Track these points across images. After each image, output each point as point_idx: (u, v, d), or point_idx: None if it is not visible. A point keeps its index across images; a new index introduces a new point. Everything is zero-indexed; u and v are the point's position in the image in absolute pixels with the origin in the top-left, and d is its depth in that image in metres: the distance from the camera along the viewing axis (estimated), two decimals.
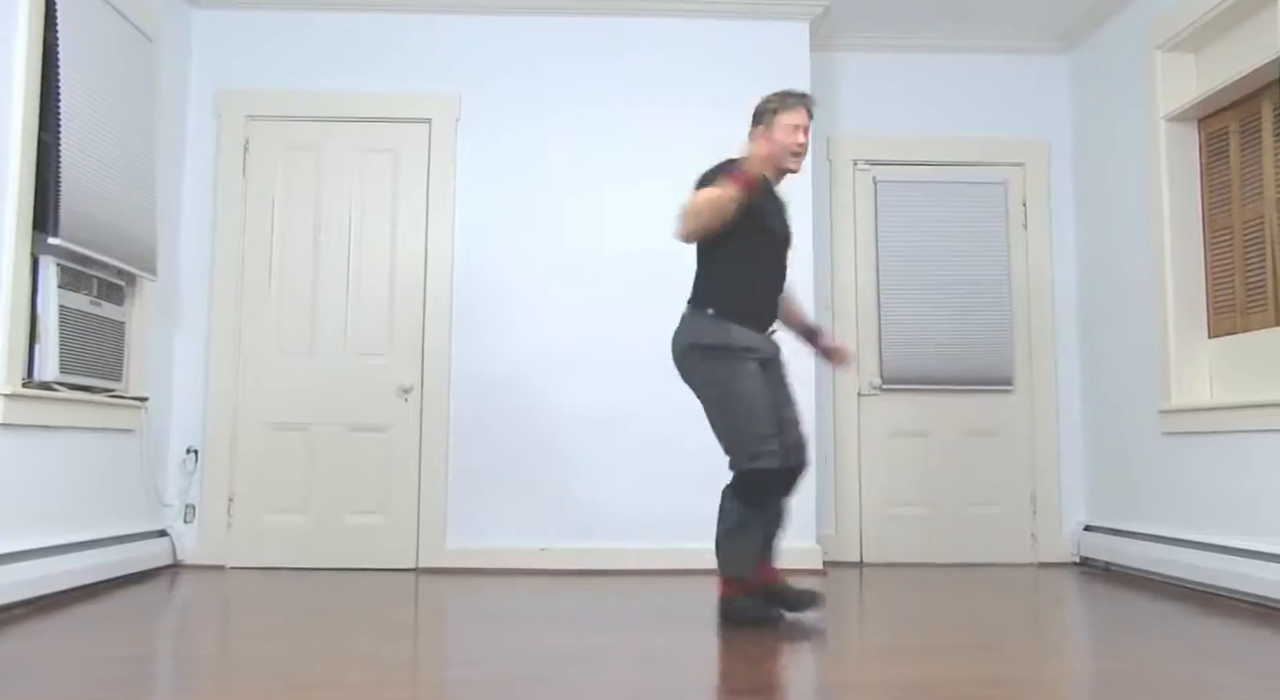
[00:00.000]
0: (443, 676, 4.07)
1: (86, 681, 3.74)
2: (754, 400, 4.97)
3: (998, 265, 8.06)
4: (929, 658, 4.32)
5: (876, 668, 4.15)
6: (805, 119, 5.18)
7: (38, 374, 5.60)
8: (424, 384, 7.37)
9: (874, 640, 4.82)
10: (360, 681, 3.81)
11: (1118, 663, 4.23)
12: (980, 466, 8.00)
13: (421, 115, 7.58)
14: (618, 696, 3.63)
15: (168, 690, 3.73)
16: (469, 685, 3.81)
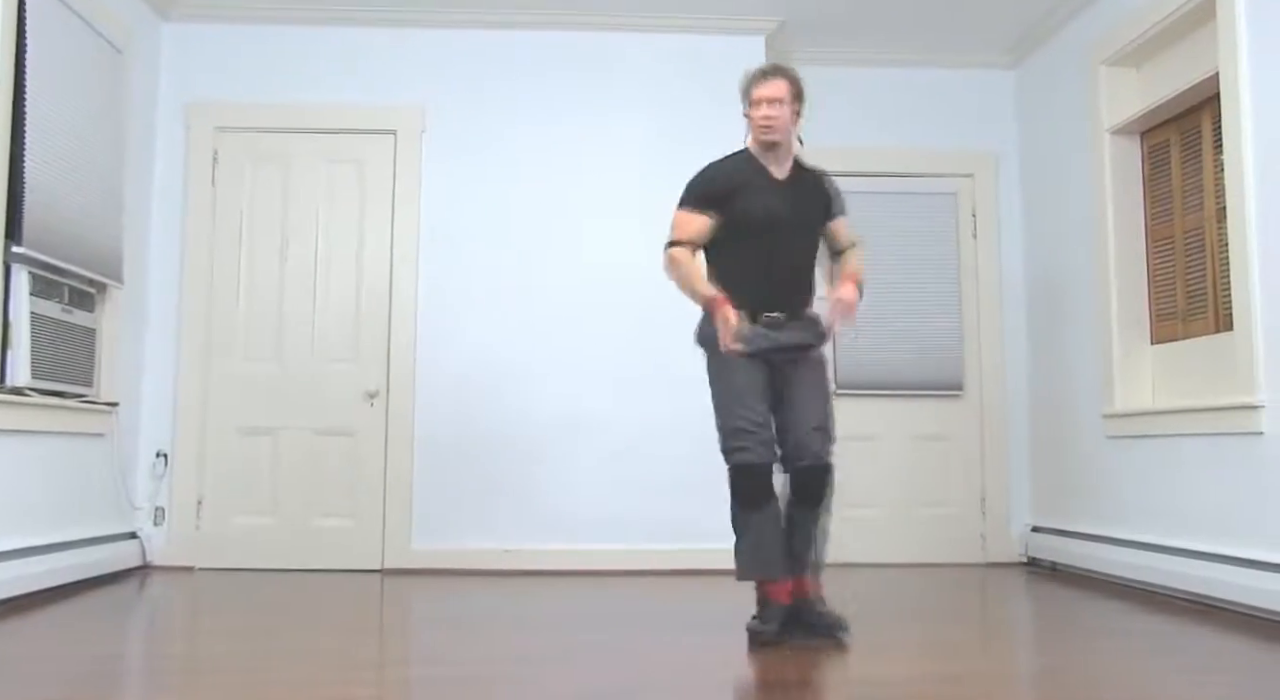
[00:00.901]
0: (407, 675, 4.07)
1: (57, 680, 3.73)
2: (731, 393, 4.74)
3: (948, 273, 8.11)
4: (881, 655, 4.34)
5: (829, 665, 4.17)
6: (766, 91, 4.82)
7: (10, 379, 5.59)
8: (390, 389, 7.36)
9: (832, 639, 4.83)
10: (326, 680, 3.81)
11: (1062, 658, 4.26)
12: (931, 469, 8.04)
13: (387, 127, 7.58)
14: (581, 695, 3.64)
15: (137, 689, 3.72)
16: (434, 683, 3.81)
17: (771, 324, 4.77)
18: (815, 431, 4.80)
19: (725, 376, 4.78)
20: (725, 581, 6.63)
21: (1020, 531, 7.96)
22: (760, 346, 4.74)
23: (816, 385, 4.87)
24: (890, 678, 3.89)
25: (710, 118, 7.61)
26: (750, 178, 4.88)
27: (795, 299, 4.86)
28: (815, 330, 4.90)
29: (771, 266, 4.82)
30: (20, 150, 5.60)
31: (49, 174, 5.86)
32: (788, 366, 4.81)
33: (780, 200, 4.85)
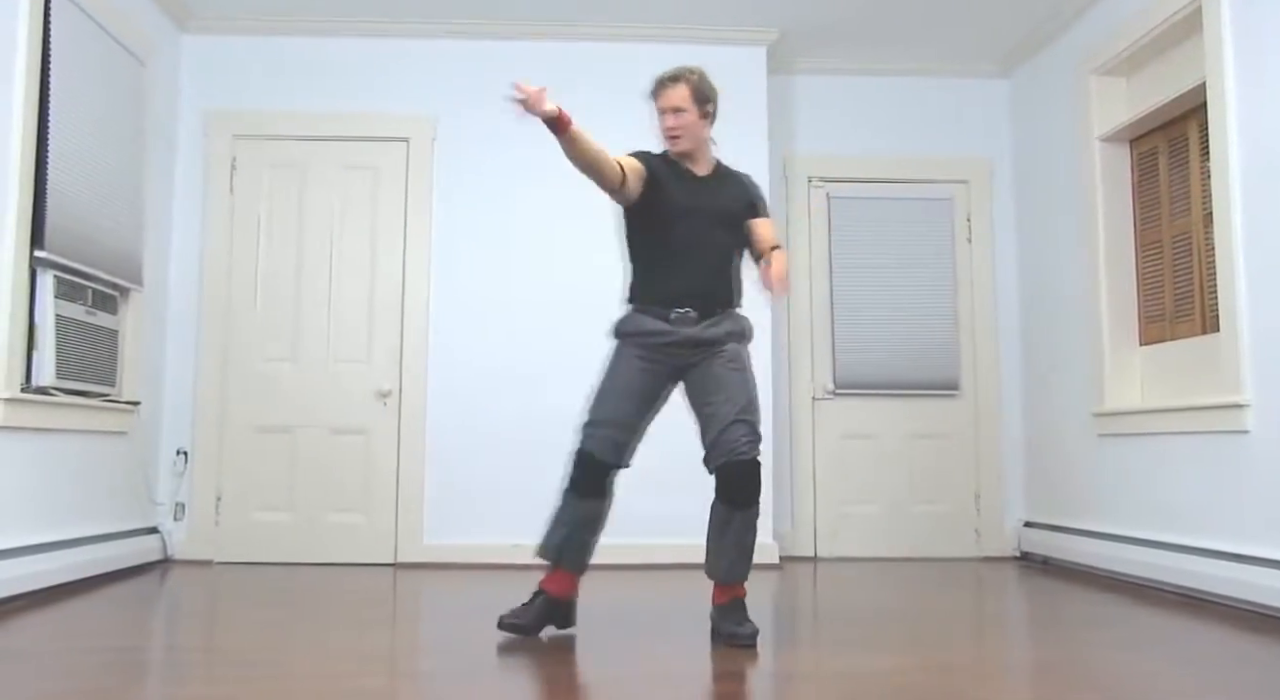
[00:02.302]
0: (419, 666, 4.08)
1: (82, 670, 3.74)
2: (608, 387, 4.62)
3: (944, 276, 8.13)
4: (877, 647, 4.35)
5: (828, 656, 4.19)
6: (667, 100, 4.70)
7: (35, 379, 5.61)
8: (402, 389, 7.38)
9: (826, 631, 4.85)
10: (340, 671, 3.82)
11: (1053, 651, 4.27)
12: (927, 466, 8.06)
13: (400, 135, 7.59)
14: (588, 685, 3.66)
15: (159, 679, 3.73)
16: (445, 674, 3.83)
17: (680, 320, 4.59)
18: (734, 424, 4.51)
19: (615, 371, 4.65)
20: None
21: (1013, 527, 7.97)
22: (677, 339, 4.58)
23: (734, 378, 4.59)
24: (883, 668, 3.89)
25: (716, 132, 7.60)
26: (672, 171, 4.73)
27: (710, 295, 4.67)
28: (732, 326, 4.69)
29: (689, 259, 4.65)
30: (44, 158, 5.61)
31: (72, 181, 5.88)
32: (702, 364, 4.61)
33: (700, 193, 4.71)
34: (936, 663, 4.01)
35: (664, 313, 4.59)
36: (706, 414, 4.59)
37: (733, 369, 4.61)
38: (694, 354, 4.61)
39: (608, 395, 4.61)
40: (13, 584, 5.25)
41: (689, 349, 4.60)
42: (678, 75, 4.75)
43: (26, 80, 5.47)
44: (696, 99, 4.74)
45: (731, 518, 4.57)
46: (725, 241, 4.73)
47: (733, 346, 4.66)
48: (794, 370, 8.05)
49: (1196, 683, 3.67)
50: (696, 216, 4.64)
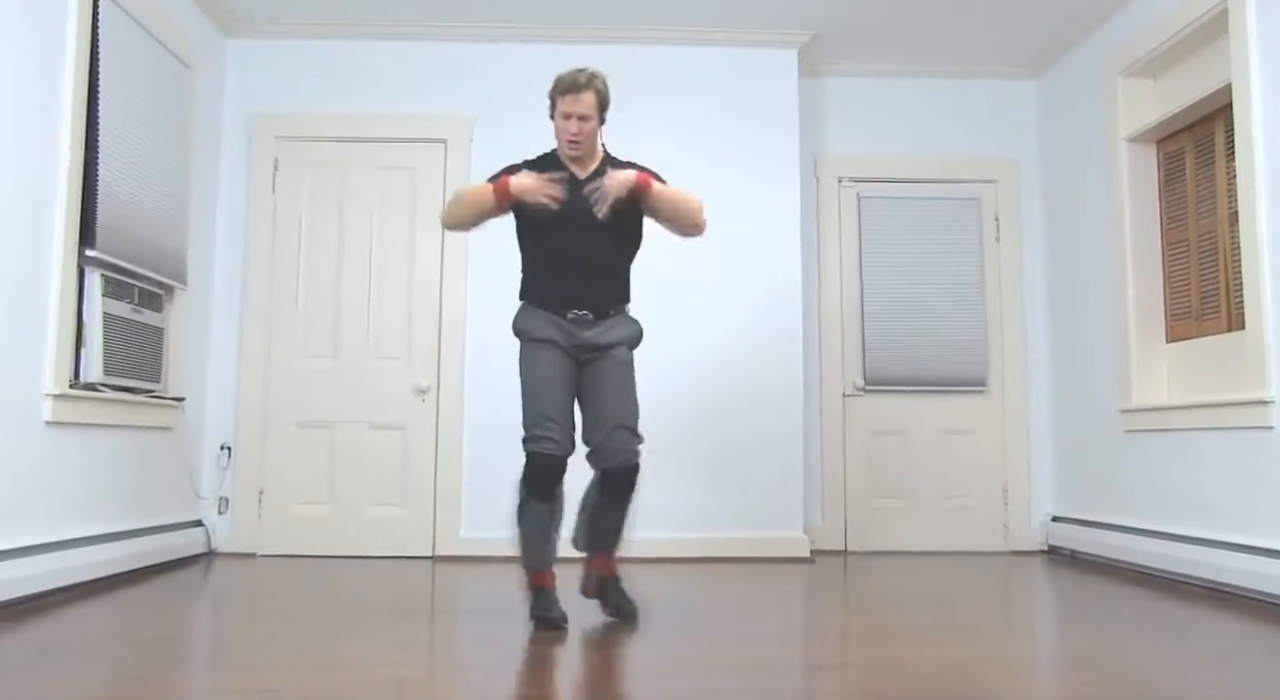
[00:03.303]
0: (457, 657, 4.10)
1: (129, 659, 3.78)
2: (535, 383, 4.60)
3: (972, 275, 8.11)
4: (907, 639, 4.34)
5: (858, 648, 4.18)
6: (576, 107, 4.65)
7: (83, 376, 5.65)
8: (440, 385, 7.41)
9: (856, 623, 4.83)
10: (380, 660, 3.85)
11: (1081, 643, 4.26)
12: (956, 462, 8.04)
13: (437, 136, 7.62)
14: (619, 677, 3.68)
15: (205, 668, 3.76)
16: (482, 665, 3.85)
17: (579, 321, 4.65)
18: (619, 430, 4.66)
19: (531, 367, 4.65)
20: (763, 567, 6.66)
21: (1041, 521, 7.95)
22: (575, 341, 4.63)
23: (622, 384, 4.71)
24: (912, 659, 3.89)
25: (744, 130, 7.66)
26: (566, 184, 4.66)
27: (601, 296, 4.71)
28: (625, 331, 4.77)
29: (573, 263, 4.66)
30: (94, 160, 5.66)
31: (121, 182, 5.93)
32: (593, 364, 4.70)
33: (573, 198, 4.62)
34: (965, 655, 4.01)
35: (561, 312, 4.66)
36: (591, 414, 4.69)
37: (621, 375, 4.71)
38: (590, 355, 4.69)
39: (541, 392, 4.60)
40: (62, 575, 5.29)
41: (588, 350, 4.68)
42: (587, 82, 4.68)
43: (76, 85, 5.52)
44: (601, 106, 4.75)
45: (611, 507, 4.79)
46: (602, 243, 4.70)
47: (623, 351, 4.75)
48: (825, 367, 8.04)
49: (1222, 675, 3.66)
50: (573, 225, 4.63)
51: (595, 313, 4.67)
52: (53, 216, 5.35)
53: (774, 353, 7.49)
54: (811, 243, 8.09)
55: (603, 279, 4.74)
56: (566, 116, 4.66)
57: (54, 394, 5.29)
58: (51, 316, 5.32)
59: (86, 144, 5.64)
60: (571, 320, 4.64)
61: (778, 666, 3.85)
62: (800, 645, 4.30)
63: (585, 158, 4.80)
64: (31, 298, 5.18)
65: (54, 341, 5.32)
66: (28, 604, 4.94)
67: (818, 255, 8.12)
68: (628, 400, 4.70)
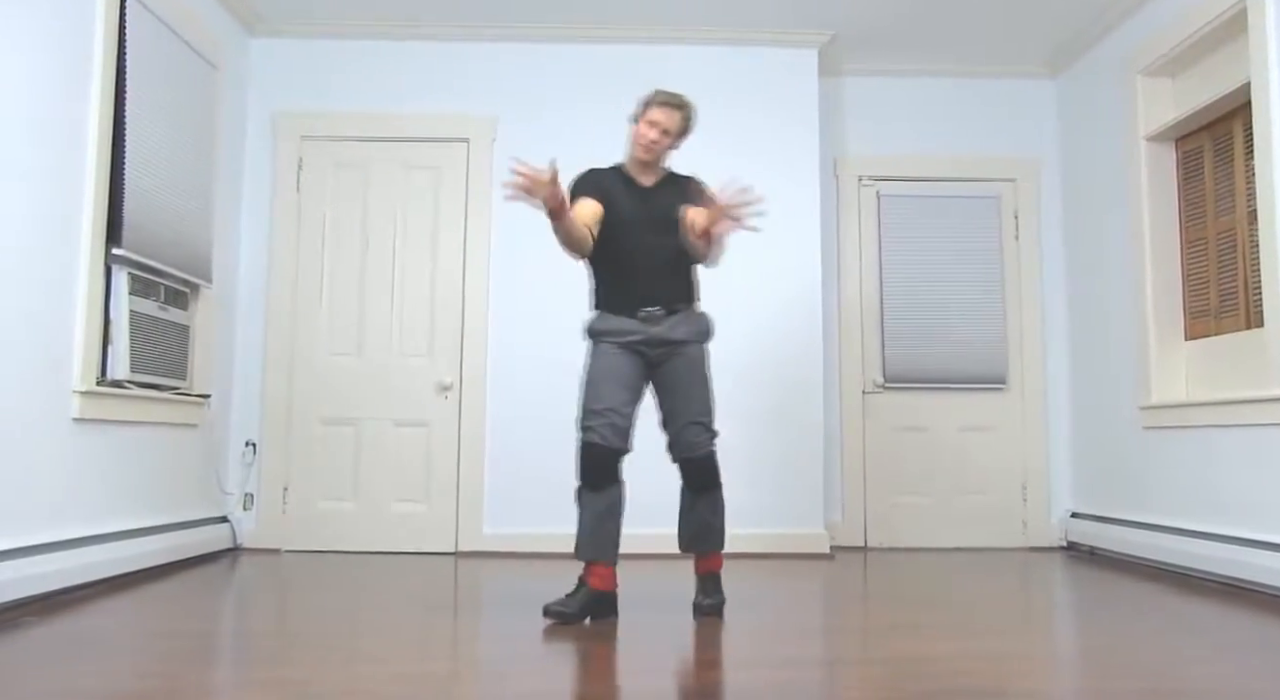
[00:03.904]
0: (481, 652, 4.10)
1: (154, 654, 3.79)
2: (595, 377, 4.81)
3: (992, 273, 8.10)
4: (928, 634, 4.34)
5: (878, 644, 4.17)
6: (662, 118, 4.91)
7: (110, 373, 5.67)
8: (463, 382, 7.43)
9: (876, 618, 4.82)
10: (405, 655, 3.85)
11: (1099, 639, 4.24)
12: (975, 459, 8.04)
13: (461, 135, 7.64)
14: (641, 672, 3.68)
15: (229, 662, 3.77)
16: (506, 660, 3.85)
17: (649, 318, 4.86)
18: (693, 425, 4.88)
19: (594, 363, 4.86)
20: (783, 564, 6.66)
21: (1060, 517, 7.94)
22: (641, 337, 4.84)
23: (692, 380, 4.91)
24: (932, 655, 3.88)
25: (764, 129, 7.65)
26: (619, 185, 5.00)
27: (669, 295, 4.93)
28: (694, 326, 4.96)
29: (642, 265, 4.90)
30: (121, 159, 5.68)
31: (147, 181, 5.95)
32: (667, 362, 4.91)
33: (641, 202, 4.94)
34: (986, 650, 4.00)
35: (632, 312, 4.87)
36: (668, 410, 4.93)
37: (693, 370, 4.92)
38: (661, 351, 4.89)
39: (599, 385, 4.81)
40: (90, 570, 5.31)
41: (657, 346, 4.88)
42: (681, 104, 4.99)
43: (103, 85, 5.54)
44: (680, 132, 5.02)
45: (696, 500, 4.98)
46: (668, 244, 4.91)
47: (695, 347, 4.96)
48: (845, 364, 8.04)
49: (1240, 670, 3.64)
50: (639, 225, 4.91)
51: (665, 309, 4.89)
52: (81, 216, 5.38)
53: (794, 350, 7.48)
54: (831, 241, 8.10)
55: (670, 277, 4.96)
56: (651, 124, 4.93)
57: (81, 391, 5.32)
58: (79, 314, 5.35)
59: (113, 144, 5.66)
60: (642, 318, 4.86)
61: (799, 662, 3.83)
62: (821, 641, 4.29)
63: (650, 169, 5.07)
64: (60, 296, 5.21)
65: (82, 339, 5.35)
66: (57, 599, 4.97)
67: (838, 254, 8.13)
68: (698, 394, 4.92)
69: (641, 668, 3.72)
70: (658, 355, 4.88)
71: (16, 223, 4.83)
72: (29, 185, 4.93)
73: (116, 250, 5.62)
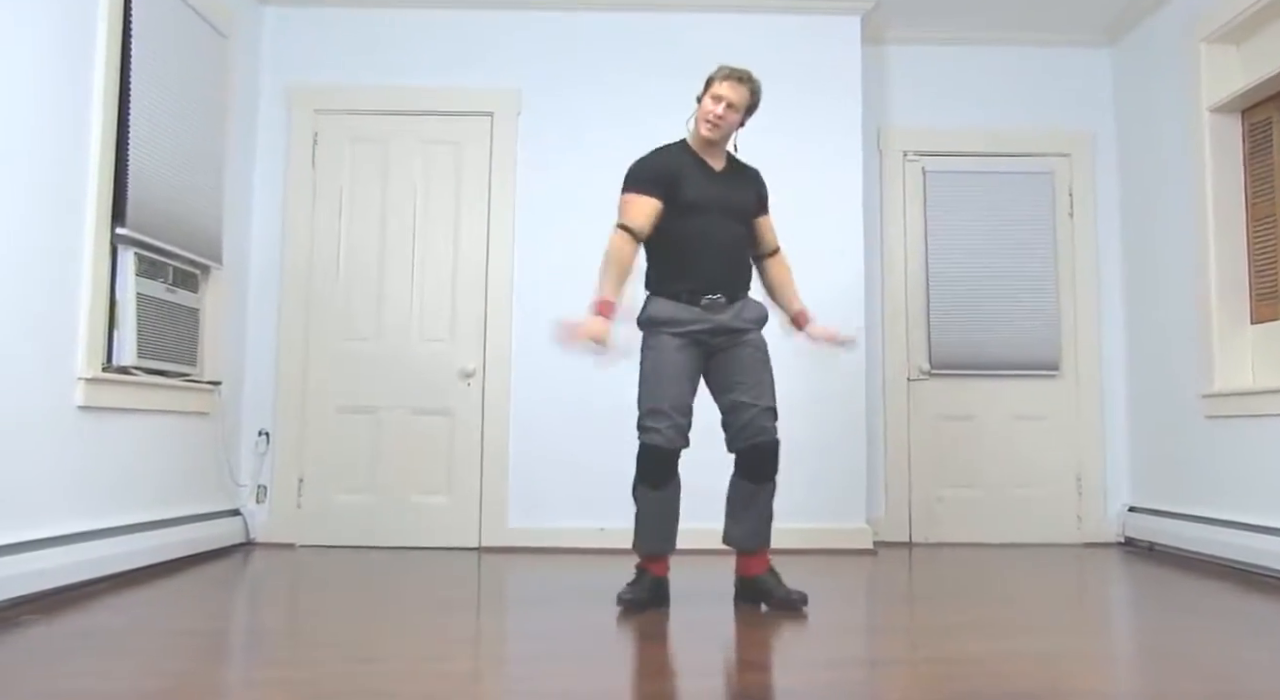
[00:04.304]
0: (506, 651, 4.10)
1: (165, 652, 3.80)
2: (656, 374, 4.88)
3: (1044, 253, 8.05)
4: (975, 634, 4.32)
5: (925, 643, 4.16)
6: (730, 93, 4.95)
7: (116, 359, 5.67)
8: (486, 369, 7.42)
9: (922, 617, 4.80)
10: (426, 655, 3.85)
11: (1157, 639, 4.22)
12: (1027, 449, 7.99)
13: (483, 109, 7.61)
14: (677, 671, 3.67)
15: (243, 661, 3.77)
16: (532, 659, 3.85)
17: (712, 306, 4.94)
18: (766, 412, 4.96)
19: (655, 356, 4.92)
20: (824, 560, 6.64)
21: (1117, 511, 7.89)
22: (706, 327, 4.92)
23: (761, 366, 5.00)
24: (981, 654, 3.87)
25: (804, 101, 7.59)
26: (689, 166, 5.06)
27: (734, 282, 5.02)
28: (756, 313, 5.07)
29: (709, 250, 4.97)
30: (126, 134, 5.67)
31: (154, 157, 5.94)
32: (729, 351, 4.99)
33: (716, 187, 5.03)
34: (1036, 650, 3.98)
35: (694, 300, 4.94)
36: (731, 399, 4.99)
37: (758, 358, 5.02)
38: (723, 340, 4.99)
39: (662, 382, 4.88)
40: (95, 566, 5.32)
41: (721, 335, 4.98)
42: (749, 79, 5.05)
43: (108, 55, 5.53)
44: (749, 107, 5.10)
45: (758, 492, 5.02)
46: (739, 233, 5.09)
47: (756, 334, 5.07)
48: (888, 350, 8.00)
49: None
50: (714, 212, 5.00)
51: (728, 297, 4.98)
52: (84, 192, 5.37)
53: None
54: (874, 220, 8.04)
55: (737, 265, 5.07)
56: (717, 99, 4.99)
57: (87, 377, 5.32)
58: (84, 297, 5.35)
59: (118, 117, 5.65)
60: (705, 305, 4.94)
61: (842, 662, 3.83)
62: (865, 640, 4.28)
63: (717, 149, 5.16)
64: (63, 277, 5.20)
65: (86, 323, 5.35)
66: (61, 595, 4.97)
67: (881, 233, 8.08)
68: (768, 381, 5.02)
69: (680, 668, 3.71)
70: (719, 344, 4.97)
71: (15, 199, 4.82)
72: (29, 160, 4.93)
73: (121, 229, 5.62)
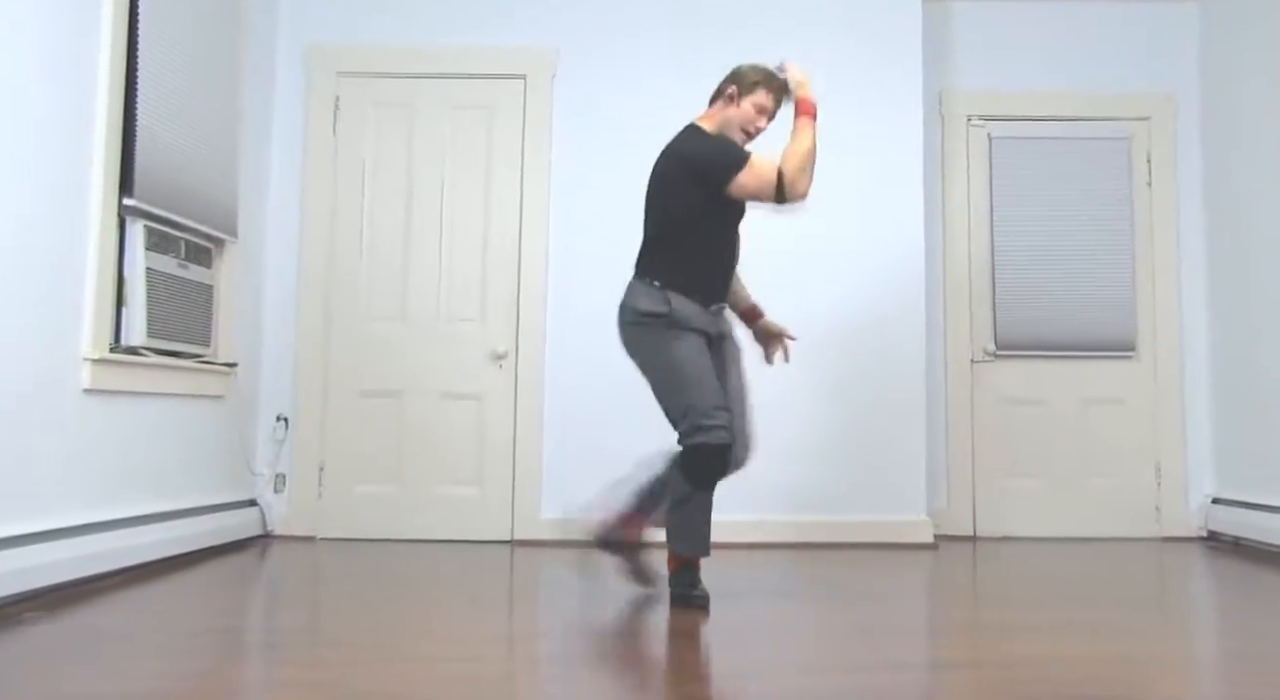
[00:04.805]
0: (539, 651, 4.09)
1: (177, 652, 3.80)
2: (698, 368, 4.92)
3: (1120, 224, 7.98)
4: (1045, 635, 4.29)
5: (990, 645, 4.13)
6: (769, 102, 5.09)
7: (125, 338, 5.68)
8: (518, 350, 7.41)
9: (986, 616, 4.79)
10: (455, 655, 3.85)
11: (1243, 642, 4.19)
12: (1101, 436, 7.94)
13: (516, 71, 7.59)
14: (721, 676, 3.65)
15: (256, 663, 3.77)
16: (567, 660, 3.84)
17: (717, 313, 5.14)
18: (748, 431, 5.17)
19: (689, 355, 4.95)
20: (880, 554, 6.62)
21: (1199, 503, 7.83)
22: (715, 332, 5.11)
23: (743, 380, 5.23)
24: (1052, 658, 3.84)
25: (860, 61, 7.54)
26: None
27: (726, 291, 5.21)
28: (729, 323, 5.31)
29: (726, 260, 5.17)
30: (134, 98, 5.66)
31: (164, 123, 5.94)
32: (725, 355, 5.18)
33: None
34: (1110, 653, 3.95)
35: (706, 304, 5.07)
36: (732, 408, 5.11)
37: (741, 363, 5.25)
38: (714, 348, 5.15)
39: (700, 381, 4.93)
40: (102, 560, 5.32)
41: (714, 343, 5.15)
42: (788, 91, 5.14)
43: (116, 12, 5.52)
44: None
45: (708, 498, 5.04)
46: (737, 241, 5.27)
47: (735, 342, 5.29)
48: (950, 330, 7.96)
49: None
50: (733, 219, 5.19)
51: (719, 307, 5.18)
52: (89, 160, 5.36)
53: (893, 314, 7.40)
54: (935, 189, 8.00)
55: (732, 274, 5.26)
56: (762, 111, 5.10)
57: (93, 358, 5.31)
58: (90, 272, 5.35)
59: (125, 79, 5.64)
60: (713, 311, 5.10)
61: (898, 664, 3.80)
62: (924, 641, 4.27)
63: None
64: (67, 251, 5.19)
65: (92, 300, 5.34)
66: (65, 592, 4.98)
67: (943, 203, 8.03)
68: (745, 397, 5.22)
69: (725, 670, 3.70)
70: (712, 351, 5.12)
71: (15, 167, 4.83)
72: (30, 126, 4.92)
73: (129, 200, 5.61)
